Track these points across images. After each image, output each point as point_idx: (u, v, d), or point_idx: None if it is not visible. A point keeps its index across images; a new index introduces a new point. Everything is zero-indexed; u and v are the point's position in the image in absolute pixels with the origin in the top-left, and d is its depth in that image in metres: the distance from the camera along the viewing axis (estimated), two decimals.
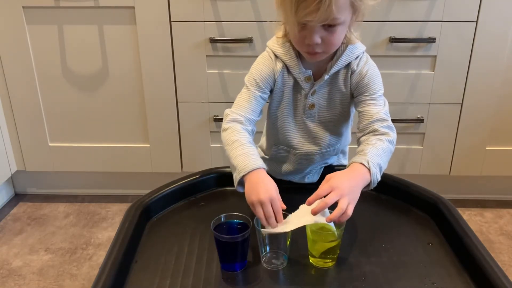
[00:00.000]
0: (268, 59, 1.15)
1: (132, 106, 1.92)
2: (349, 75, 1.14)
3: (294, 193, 1.02)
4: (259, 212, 0.94)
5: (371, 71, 1.14)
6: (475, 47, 1.79)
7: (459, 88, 1.86)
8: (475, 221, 1.98)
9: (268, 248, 0.97)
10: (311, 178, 1.26)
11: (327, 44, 1.05)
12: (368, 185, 1.02)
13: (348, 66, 1.14)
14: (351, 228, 0.98)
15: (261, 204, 0.94)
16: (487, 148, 1.94)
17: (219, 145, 1.96)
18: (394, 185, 1.19)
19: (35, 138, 2.00)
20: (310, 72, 1.13)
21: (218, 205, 1.17)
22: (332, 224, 0.94)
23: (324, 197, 0.93)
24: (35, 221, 1.99)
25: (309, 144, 1.21)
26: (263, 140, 1.34)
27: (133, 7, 1.78)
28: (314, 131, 1.20)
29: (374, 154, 1.04)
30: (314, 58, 1.08)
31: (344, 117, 1.20)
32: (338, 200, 0.93)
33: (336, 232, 0.94)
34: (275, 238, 0.96)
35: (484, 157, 1.96)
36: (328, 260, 0.96)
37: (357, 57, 1.13)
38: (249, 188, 0.98)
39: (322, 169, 1.26)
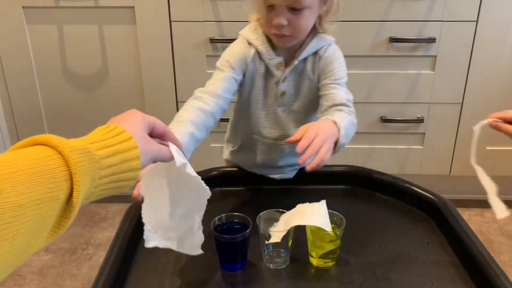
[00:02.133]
0: (241, 44, 1.15)
1: (132, 106, 1.90)
2: (317, 60, 1.15)
3: (290, 196, 1.02)
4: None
5: (339, 59, 1.16)
6: (475, 47, 1.79)
7: (459, 88, 1.86)
8: (475, 221, 1.98)
9: (270, 247, 0.97)
10: (286, 175, 1.23)
11: (294, 28, 1.06)
12: (334, 147, 0.98)
13: (316, 53, 1.15)
14: (351, 228, 0.98)
15: None
16: (487, 148, 1.94)
17: (219, 144, 1.96)
18: (394, 185, 1.19)
19: None
20: (281, 58, 1.14)
21: (218, 205, 1.17)
22: (328, 226, 0.94)
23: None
24: None
25: (279, 133, 1.21)
26: (229, 133, 1.33)
27: (133, 7, 1.78)
28: (284, 120, 1.20)
29: (342, 121, 1.01)
30: (282, 41, 1.10)
31: (313, 107, 1.20)
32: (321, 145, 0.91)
33: (331, 232, 0.94)
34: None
35: (484, 157, 1.96)
36: (328, 260, 0.96)
37: (325, 46, 1.15)
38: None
39: (297, 170, 1.24)
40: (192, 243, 0.86)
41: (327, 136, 0.93)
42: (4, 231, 0.44)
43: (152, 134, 0.72)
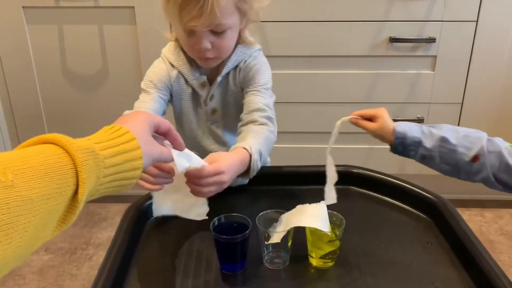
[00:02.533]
0: (163, 64, 1.13)
1: (132, 106, 1.92)
2: (237, 72, 1.14)
3: (288, 196, 1.02)
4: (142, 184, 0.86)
5: (258, 65, 1.14)
6: (475, 47, 1.79)
7: (459, 88, 1.86)
8: (475, 221, 1.98)
9: (270, 247, 0.97)
10: (242, 181, 1.19)
11: (218, 49, 1.05)
12: (247, 171, 0.99)
13: (237, 67, 1.14)
14: (350, 228, 0.98)
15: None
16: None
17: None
18: (394, 185, 1.18)
19: None
20: (204, 77, 1.13)
21: (218, 206, 1.17)
22: (327, 227, 0.94)
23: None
24: None
25: (219, 146, 1.21)
26: None
27: (133, 7, 1.78)
28: (222, 135, 1.20)
29: (256, 142, 1.01)
30: (207, 63, 1.09)
31: None
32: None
33: (331, 233, 0.94)
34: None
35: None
36: (328, 260, 0.96)
37: (246, 58, 1.13)
38: None
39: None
40: (198, 212, 0.92)
41: (224, 172, 0.91)
42: (16, 223, 0.47)
43: (158, 132, 0.75)
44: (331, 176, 1.00)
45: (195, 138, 1.20)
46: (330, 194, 0.98)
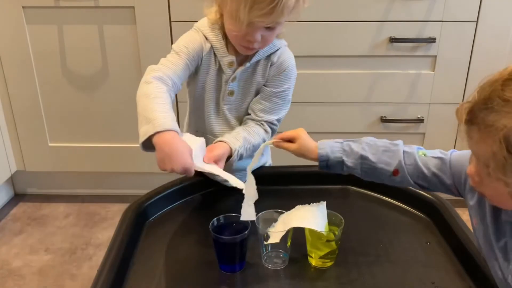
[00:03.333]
0: (198, 36, 1.13)
1: (132, 106, 1.90)
2: (269, 66, 1.16)
3: (287, 196, 1.02)
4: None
5: (289, 69, 1.17)
6: (475, 47, 1.79)
7: (459, 88, 1.86)
8: None
9: (269, 247, 0.97)
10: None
11: (265, 42, 1.08)
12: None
13: (268, 57, 1.15)
14: (349, 228, 0.98)
15: (175, 172, 0.93)
16: None
17: None
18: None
19: (35, 138, 2.00)
20: (233, 57, 1.13)
21: (217, 206, 1.17)
22: (324, 228, 0.94)
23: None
24: (35, 221, 1.99)
25: (227, 131, 1.21)
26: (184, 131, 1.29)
27: (133, 7, 1.78)
28: (230, 120, 1.21)
29: (243, 146, 1.12)
30: (247, 51, 1.10)
31: None
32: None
33: (330, 233, 0.94)
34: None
35: None
36: (327, 260, 0.96)
37: (277, 49, 1.15)
38: (162, 153, 0.93)
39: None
40: (248, 212, 0.98)
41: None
42: None
43: None
44: (251, 194, 0.99)
45: (207, 119, 1.20)
46: (248, 210, 0.97)
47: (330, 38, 1.80)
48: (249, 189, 0.99)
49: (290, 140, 1.08)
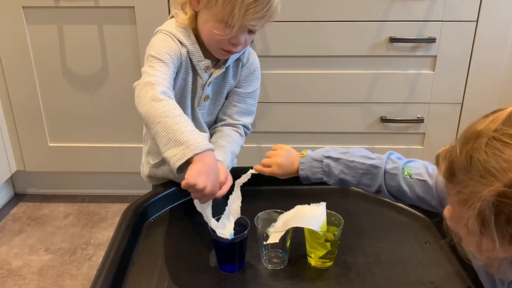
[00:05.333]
0: (171, 41, 1.07)
1: (132, 106, 1.90)
2: (240, 67, 1.17)
3: (287, 196, 1.02)
4: (195, 197, 0.91)
5: (258, 69, 1.20)
6: (475, 47, 1.79)
7: (459, 88, 1.86)
8: None
9: (269, 247, 0.97)
10: None
11: (245, 45, 1.08)
12: None
13: (238, 59, 1.16)
14: (349, 228, 0.98)
15: (202, 194, 0.88)
16: None
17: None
18: None
19: (35, 138, 2.00)
20: (209, 61, 1.12)
21: (216, 206, 1.17)
22: (314, 226, 0.93)
23: None
24: (35, 221, 1.99)
25: None
26: (150, 145, 1.26)
27: (133, 7, 1.78)
28: (203, 126, 1.20)
29: (231, 160, 1.14)
30: (225, 55, 1.10)
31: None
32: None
33: (321, 233, 0.94)
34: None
35: None
36: (327, 260, 0.96)
37: (245, 50, 1.16)
38: (199, 169, 0.87)
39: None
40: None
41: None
42: None
43: None
44: (234, 210, 0.97)
45: None
46: (228, 226, 0.93)
47: (330, 38, 1.80)
48: (235, 204, 0.97)
49: (270, 166, 1.08)
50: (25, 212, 2.05)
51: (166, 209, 1.16)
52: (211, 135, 1.22)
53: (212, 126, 1.23)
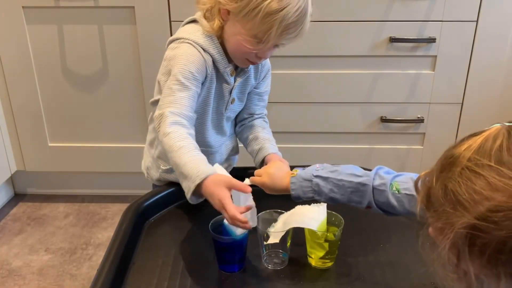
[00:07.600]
0: (195, 51, 1.07)
1: (132, 106, 1.92)
2: (259, 68, 1.20)
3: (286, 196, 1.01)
4: (227, 219, 0.91)
5: (270, 67, 1.25)
6: (475, 47, 1.79)
7: (459, 88, 1.86)
8: None
9: (269, 247, 0.97)
10: None
11: (267, 57, 1.12)
12: None
13: None
14: (349, 228, 0.98)
15: (223, 211, 0.90)
16: None
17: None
18: None
19: (35, 138, 2.00)
20: (232, 66, 1.13)
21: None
22: (315, 226, 0.93)
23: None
24: (35, 221, 1.99)
25: (223, 141, 1.24)
26: (160, 149, 1.22)
27: (133, 7, 1.78)
28: (225, 128, 1.23)
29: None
30: (247, 65, 1.13)
31: None
32: None
33: (319, 232, 0.94)
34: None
35: None
36: (327, 260, 0.96)
37: None
38: (214, 205, 0.92)
39: None
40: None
41: None
42: None
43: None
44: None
45: (204, 127, 1.17)
46: (253, 217, 0.96)
47: (330, 38, 1.80)
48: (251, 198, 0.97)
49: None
50: (25, 212, 2.05)
51: (166, 209, 1.16)
52: (239, 132, 1.28)
53: (239, 124, 1.28)
